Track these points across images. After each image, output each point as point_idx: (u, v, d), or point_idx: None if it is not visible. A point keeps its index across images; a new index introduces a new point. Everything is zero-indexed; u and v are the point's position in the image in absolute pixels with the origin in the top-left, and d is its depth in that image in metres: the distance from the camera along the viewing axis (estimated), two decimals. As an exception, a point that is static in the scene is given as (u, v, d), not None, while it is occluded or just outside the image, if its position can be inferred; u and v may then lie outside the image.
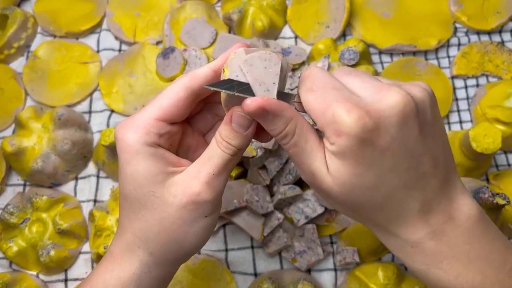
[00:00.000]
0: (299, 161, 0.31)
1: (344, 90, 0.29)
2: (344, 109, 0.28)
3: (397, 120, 0.28)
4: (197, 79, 0.33)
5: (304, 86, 0.30)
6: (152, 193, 0.31)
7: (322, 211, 0.49)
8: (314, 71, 0.31)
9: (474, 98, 0.59)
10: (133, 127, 0.32)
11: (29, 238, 0.51)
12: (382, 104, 0.28)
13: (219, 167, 0.31)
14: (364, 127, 0.27)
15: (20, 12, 0.61)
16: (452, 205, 0.31)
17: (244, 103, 0.29)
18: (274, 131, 0.30)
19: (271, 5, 0.61)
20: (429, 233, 0.30)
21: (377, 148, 0.28)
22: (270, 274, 0.49)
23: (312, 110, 0.29)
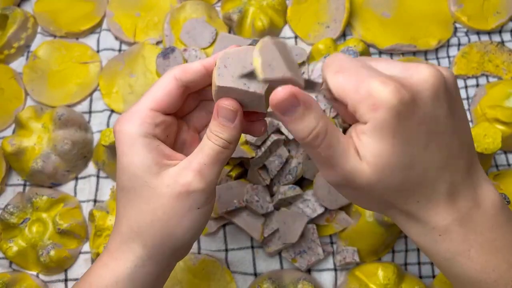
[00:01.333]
0: (332, 165, 0.29)
1: (374, 69, 0.29)
2: (380, 82, 0.27)
3: (430, 94, 0.28)
4: (188, 73, 0.33)
5: (331, 70, 0.29)
6: (146, 183, 0.32)
7: (322, 211, 0.49)
8: (338, 55, 0.30)
9: (474, 98, 0.59)
10: (129, 119, 0.33)
11: (29, 238, 0.51)
12: (414, 78, 0.28)
13: (210, 158, 0.32)
14: (401, 99, 0.27)
15: (20, 12, 0.61)
16: (477, 191, 0.31)
17: (275, 92, 0.27)
18: (304, 130, 0.28)
19: (271, 5, 0.61)
20: (457, 218, 0.30)
21: (413, 123, 0.27)
22: (270, 274, 0.49)
23: (343, 90, 0.28)
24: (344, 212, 0.51)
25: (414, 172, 0.29)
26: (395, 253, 0.52)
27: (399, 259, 0.52)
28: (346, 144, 0.28)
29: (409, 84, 0.27)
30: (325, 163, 0.30)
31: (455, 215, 0.30)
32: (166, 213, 0.32)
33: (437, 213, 0.30)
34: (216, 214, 0.50)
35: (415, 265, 0.52)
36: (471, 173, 0.31)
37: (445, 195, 0.30)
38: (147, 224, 0.32)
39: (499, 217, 0.30)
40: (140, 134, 0.32)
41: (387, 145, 0.27)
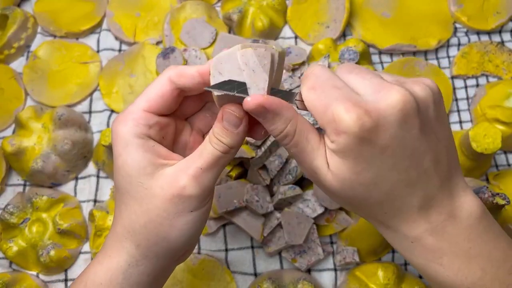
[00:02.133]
0: (300, 160, 0.32)
1: (345, 89, 0.29)
2: (343, 108, 0.28)
3: (397, 119, 0.28)
4: (183, 77, 0.33)
5: (306, 84, 0.31)
6: (141, 184, 0.32)
7: (322, 211, 0.49)
8: (316, 69, 0.31)
9: (474, 98, 0.59)
10: (123, 120, 0.33)
11: (29, 238, 0.51)
12: (381, 103, 0.28)
13: (208, 163, 0.31)
14: (362, 126, 0.27)
15: (20, 12, 0.61)
16: (454, 203, 0.31)
17: (244, 101, 0.29)
18: (274, 130, 0.30)
19: (271, 5, 0.61)
20: (428, 229, 0.31)
21: (376, 147, 0.28)
22: (270, 274, 0.49)
23: (313, 108, 0.30)
24: (344, 212, 0.51)
25: (379, 190, 0.30)
26: (395, 253, 0.52)
27: (399, 259, 0.52)
28: (316, 144, 0.31)
29: (374, 109, 0.28)
30: (296, 159, 0.32)
31: (427, 226, 0.31)
32: (159, 215, 0.31)
33: (407, 223, 0.31)
34: (216, 214, 0.50)
35: (415, 265, 0.52)
36: (448, 186, 0.31)
37: (415, 208, 0.30)
38: (141, 225, 0.32)
39: (476, 227, 0.31)
40: (134, 135, 0.32)
41: (349, 166, 0.29)
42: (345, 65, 0.32)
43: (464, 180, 0.32)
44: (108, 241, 0.34)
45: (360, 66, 0.32)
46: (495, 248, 0.31)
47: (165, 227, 0.32)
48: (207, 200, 0.33)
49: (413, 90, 0.29)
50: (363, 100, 0.28)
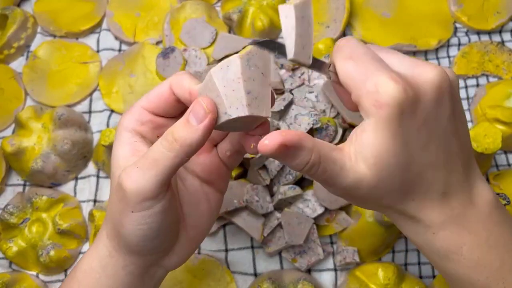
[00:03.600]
0: (332, 183, 0.29)
1: (383, 62, 0.29)
2: (388, 78, 0.27)
3: (435, 96, 0.28)
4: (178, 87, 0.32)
5: (342, 54, 0.29)
6: (113, 174, 0.32)
7: (322, 211, 0.49)
8: (351, 40, 0.30)
9: (474, 98, 0.59)
10: (125, 114, 0.34)
11: (29, 238, 0.51)
12: (420, 78, 0.28)
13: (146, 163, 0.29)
14: (407, 98, 0.27)
15: (20, 12, 0.61)
16: (473, 190, 0.31)
17: (261, 144, 0.27)
18: (299, 165, 0.28)
19: (271, 5, 0.61)
20: (451, 216, 0.30)
21: (415, 123, 0.28)
22: (270, 274, 0.49)
23: (351, 79, 0.28)
24: (344, 212, 0.51)
25: (412, 172, 0.29)
26: (395, 253, 0.52)
27: (399, 259, 0.52)
28: (342, 161, 0.28)
29: (415, 83, 0.28)
30: (325, 184, 0.30)
31: (449, 213, 0.30)
32: (112, 208, 0.32)
33: (432, 211, 0.30)
34: (216, 214, 0.50)
35: (415, 265, 0.52)
36: (467, 173, 0.31)
37: (439, 194, 0.30)
38: (108, 215, 0.33)
39: (493, 216, 0.31)
40: (125, 128, 0.33)
41: (388, 145, 0.27)
42: (373, 44, 0.31)
43: (479, 168, 0.32)
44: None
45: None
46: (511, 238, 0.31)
47: (118, 221, 0.31)
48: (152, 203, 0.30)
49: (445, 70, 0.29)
50: (403, 74, 0.28)
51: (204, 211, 0.36)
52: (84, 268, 0.34)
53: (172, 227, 0.33)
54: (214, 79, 0.28)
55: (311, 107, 0.50)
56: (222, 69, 0.28)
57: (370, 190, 0.29)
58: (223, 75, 0.28)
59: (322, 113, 0.50)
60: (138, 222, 0.30)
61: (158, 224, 0.31)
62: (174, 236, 0.34)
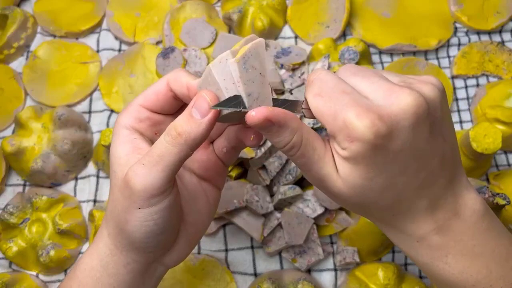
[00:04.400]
0: (307, 169, 0.30)
1: (353, 93, 0.28)
2: (355, 114, 0.27)
3: (410, 124, 0.27)
4: (176, 83, 0.32)
5: (312, 91, 0.30)
6: (114, 172, 0.32)
7: (322, 211, 0.49)
8: (320, 74, 0.30)
9: (474, 98, 0.59)
10: (123, 111, 0.34)
11: (29, 238, 0.51)
12: (394, 107, 0.27)
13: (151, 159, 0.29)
14: (377, 133, 0.26)
15: (20, 12, 0.61)
16: (458, 201, 0.31)
17: (248, 115, 0.28)
18: (280, 143, 0.29)
19: (271, 5, 0.61)
20: (434, 228, 0.31)
21: (389, 153, 0.28)
22: (270, 274, 0.49)
23: (321, 116, 0.29)
24: (344, 212, 0.51)
25: (389, 194, 0.29)
26: (395, 253, 0.52)
27: (399, 259, 0.52)
28: (322, 152, 0.29)
29: (387, 114, 0.27)
30: (301, 168, 0.31)
31: (433, 225, 0.31)
32: (117, 206, 0.32)
33: (414, 223, 0.31)
34: (216, 214, 0.50)
35: (415, 265, 0.52)
36: (452, 185, 0.31)
37: (422, 209, 0.30)
38: (110, 213, 0.33)
39: (480, 225, 0.31)
40: (124, 126, 0.33)
41: (361, 173, 0.28)
42: (347, 66, 0.31)
43: (467, 178, 0.32)
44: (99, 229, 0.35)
45: (363, 67, 0.31)
46: (499, 245, 0.31)
47: (122, 219, 0.31)
48: (158, 199, 0.30)
49: (423, 91, 0.28)
50: (374, 105, 0.27)
51: (202, 207, 0.36)
52: (83, 267, 0.34)
53: (176, 223, 0.33)
54: (214, 73, 0.29)
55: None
56: (221, 63, 0.29)
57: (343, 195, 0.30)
58: (222, 69, 0.29)
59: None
60: (144, 219, 0.30)
61: (164, 219, 0.31)
62: (176, 232, 0.34)
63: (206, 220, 0.37)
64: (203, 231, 0.37)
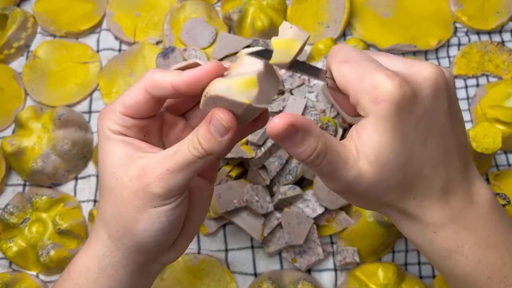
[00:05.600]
0: (334, 177, 0.29)
1: (379, 62, 0.29)
2: (384, 75, 0.27)
3: (431, 92, 0.28)
4: (157, 89, 0.31)
5: (337, 58, 0.30)
6: (114, 174, 0.32)
7: (322, 211, 0.49)
8: (345, 46, 0.30)
9: (474, 98, 0.59)
10: (106, 116, 0.33)
11: (29, 238, 0.51)
12: (417, 75, 0.28)
13: (177, 166, 0.30)
14: (404, 93, 0.27)
15: (20, 12, 0.61)
16: (471, 189, 0.31)
17: (271, 123, 0.27)
18: (305, 152, 0.28)
19: (271, 5, 0.61)
20: (451, 216, 0.30)
21: (413, 119, 0.28)
22: (270, 274, 0.49)
23: (348, 80, 0.29)
24: (344, 212, 0.51)
25: (412, 169, 0.29)
26: (395, 253, 0.52)
27: (399, 259, 0.52)
28: (345, 155, 0.29)
29: (412, 80, 0.28)
30: (327, 177, 0.30)
31: (449, 212, 0.30)
32: (125, 207, 0.31)
33: (432, 210, 0.30)
34: (216, 214, 0.50)
35: (415, 265, 0.52)
36: (465, 172, 0.31)
37: (439, 192, 0.30)
38: (111, 215, 0.32)
39: (492, 215, 0.31)
40: (114, 132, 0.32)
41: (387, 141, 0.28)
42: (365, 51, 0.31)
43: (476, 168, 0.32)
44: (91, 231, 0.34)
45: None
46: (510, 236, 0.31)
47: (131, 219, 0.31)
48: (175, 198, 0.31)
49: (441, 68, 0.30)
50: (399, 72, 0.28)
51: (198, 202, 0.36)
52: (79, 269, 0.33)
53: (183, 219, 0.34)
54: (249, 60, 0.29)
55: (311, 107, 0.50)
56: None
57: (371, 186, 0.29)
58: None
59: (322, 113, 0.50)
60: (158, 216, 0.31)
61: (176, 216, 0.32)
62: (180, 229, 0.34)
63: (202, 215, 0.37)
64: (199, 226, 0.37)
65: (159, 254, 0.34)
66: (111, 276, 0.33)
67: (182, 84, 0.31)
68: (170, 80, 0.31)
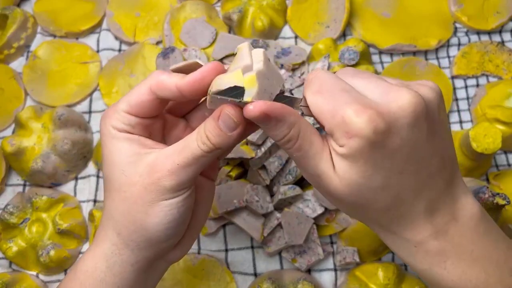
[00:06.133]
0: (304, 165, 0.30)
1: (353, 92, 0.29)
2: (354, 111, 0.27)
3: (408, 122, 0.27)
4: (162, 90, 0.32)
5: (311, 89, 0.30)
6: (122, 171, 0.32)
7: (322, 211, 0.49)
8: (320, 73, 0.30)
9: (474, 98, 0.59)
10: (110, 116, 0.33)
11: (29, 238, 0.51)
12: (393, 105, 0.27)
13: (187, 160, 0.31)
14: (375, 129, 0.27)
15: (20, 12, 0.61)
16: (456, 205, 0.31)
17: (246, 108, 0.28)
18: (277, 136, 0.29)
19: (271, 5, 0.61)
20: (433, 233, 0.30)
21: (388, 151, 0.28)
22: (270, 274, 0.49)
23: (320, 113, 0.29)
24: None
25: (387, 194, 0.29)
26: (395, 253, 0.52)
27: (399, 259, 0.52)
28: (319, 148, 0.30)
29: (386, 111, 0.27)
30: (299, 164, 0.31)
31: (431, 229, 0.30)
32: (135, 203, 0.32)
33: (413, 228, 0.31)
34: (216, 214, 0.50)
35: (415, 265, 0.52)
36: (450, 188, 0.31)
37: (422, 212, 0.30)
38: (119, 212, 0.32)
39: (477, 229, 0.31)
40: (119, 130, 0.33)
41: (359, 170, 0.28)
42: (346, 69, 0.31)
43: (463, 181, 0.32)
44: (97, 230, 0.35)
45: (362, 70, 0.31)
46: (496, 250, 0.31)
47: (141, 214, 0.32)
48: (185, 190, 0.32)
49: (421, 92, 0.29)
50: (373, 102, 0.28)
51: (200, 200, 0.36)
52: (85, 269, 0.34)
53: (191, 212, 0.34)
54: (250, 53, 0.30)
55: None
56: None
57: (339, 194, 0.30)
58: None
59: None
60: (169, 207, 0.32)
61: (186, 208, 0.33)
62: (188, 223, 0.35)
63: (205, 214, 0.37)
64: (203, 224, 0.37)
65: (167, 250, 0.35)
66: (119, 274, 0.33)
67: (186, 85, 0.31)
68: (175, 82, 0.31)
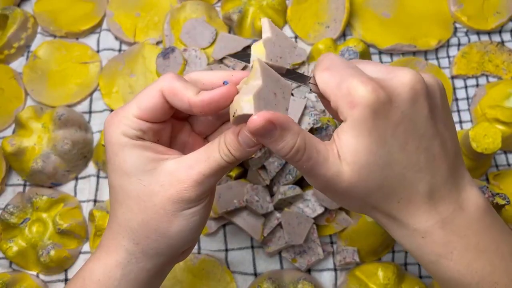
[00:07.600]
0: (314, 174, 0.30)
1: (358, 69, 0.30)
2: (359, 81, 0.28)
3: (408, 97, 0.29)
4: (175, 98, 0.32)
5: (320, 66, 0.31)
6: (140, 181, 0.32)
7: (322, 211, 0.49)
8: (330, 55, 0.32)
9: (474, 98, 0.59)
10: (117, 122, 0.32)
11: (29, 238, 0.51)
12: (394, 81, 0.29)
13: (212, 170, 0.31)
14: (378, 98, 0.28)
15: (20, 12, 0.61)
16: (461, 194, 0.31)
17: (250, 120, 0.28)
18: (284, 148, 0.29)
19: (271, 5, 0.61)
20: (438, 221, 0.30)
21: (390, 123, 0.29)
22: (270, 274, 0.49)
23: (327, 86, 0.30)
24: (344, 212, 0.51)
25: (392, 172, 0.30)
26: (395, 253, 0.52)
27: (399, 259, 0.52)
28: (325, 153, 0.30)
29: (388, 85, 0.29)
30: (308, 173, 0.31)
31: (437, 217, 0.31)
32: (157, 212, 0.32)
33: (418, 215, 0.31)
34: (216, 214, 0.50)
35: (415, 265, 0.52)
36: (455, 177, 0.31)
37: (425, 197, 0.30)
38: (138, 223, 0.32)
39: (483, 221, 0.31)
40: (129, 137, 0.32)
41: (364, 143, 0.29)
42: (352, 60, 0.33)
43: (469, 175, 0.33)
44: (104, 239, 0.34)
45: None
46: (502, 242, 0.31)
47: (164, 223, 0.32)
48: (207, 198, 0.33)
49: (423, 75, 0.30)
50: (377, 78, 0.29)
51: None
52: (97, 278, 0.33)
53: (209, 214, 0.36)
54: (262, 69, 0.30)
55: (311, 107, 0.50)
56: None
57: (351, 185, 0.30)
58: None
59: (322, 113, 0.50)
60: (192, 215, 0.32)
61: (207, 212, 0.34)
62: None
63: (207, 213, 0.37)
64: (205, 224, 0.37)
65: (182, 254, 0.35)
66: (132, 280, 0.33)
67: (200, 104, 0.31)
68: (189, 97, 0.31)
